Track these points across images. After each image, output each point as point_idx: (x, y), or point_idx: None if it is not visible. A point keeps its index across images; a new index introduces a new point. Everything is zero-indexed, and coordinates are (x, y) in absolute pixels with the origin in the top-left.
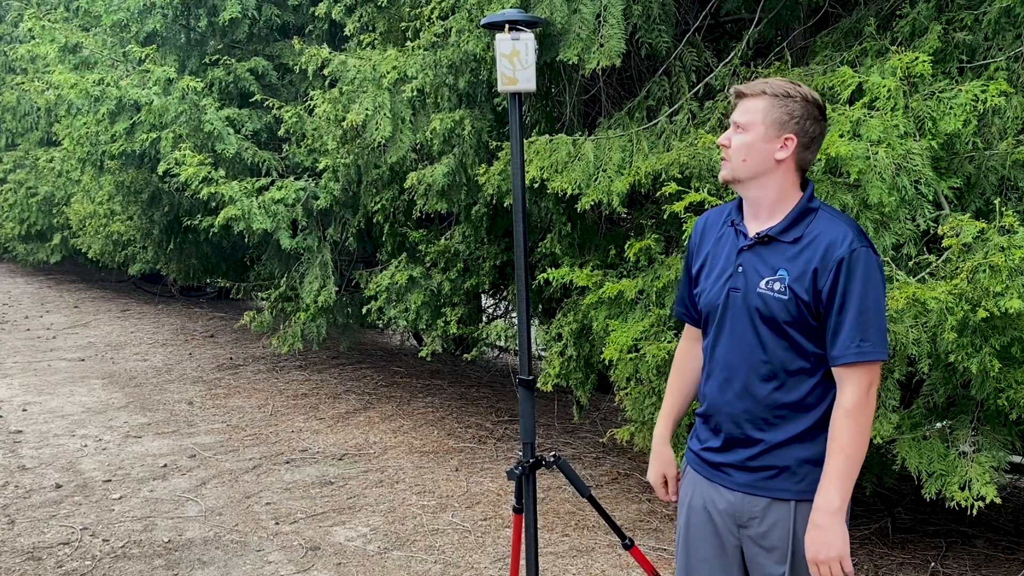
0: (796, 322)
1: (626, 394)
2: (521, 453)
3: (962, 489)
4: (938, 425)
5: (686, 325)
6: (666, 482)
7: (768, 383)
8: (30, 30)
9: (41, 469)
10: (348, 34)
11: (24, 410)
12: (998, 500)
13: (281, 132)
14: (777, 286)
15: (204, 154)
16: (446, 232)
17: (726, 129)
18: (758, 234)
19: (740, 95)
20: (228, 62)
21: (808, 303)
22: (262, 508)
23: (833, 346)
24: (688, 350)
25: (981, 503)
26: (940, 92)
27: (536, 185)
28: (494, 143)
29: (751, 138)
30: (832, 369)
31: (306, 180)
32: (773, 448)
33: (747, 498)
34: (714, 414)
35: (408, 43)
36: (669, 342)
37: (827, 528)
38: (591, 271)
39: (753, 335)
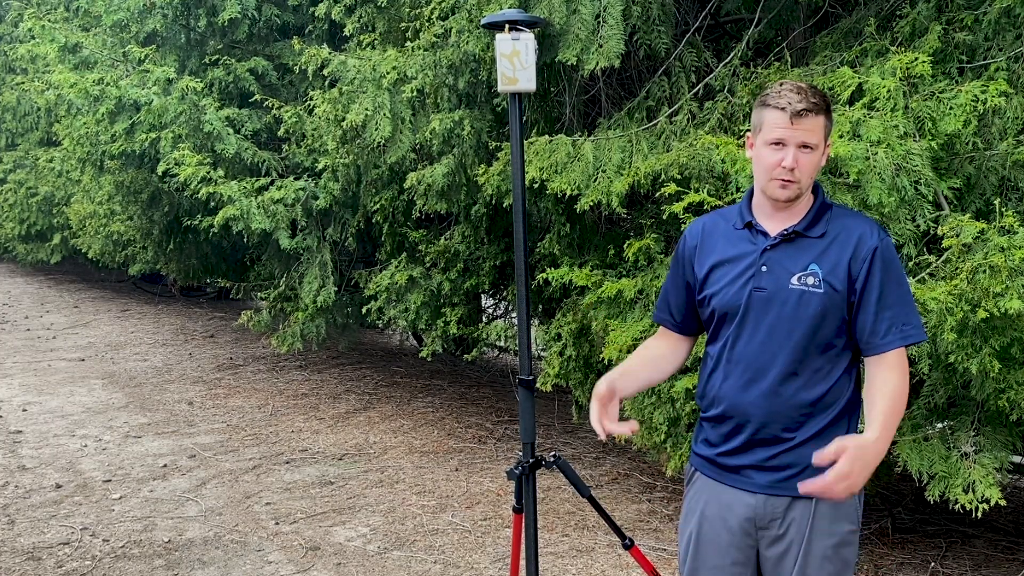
0: (829, 316)
1: None
2: (521, 453)
3: (965, 491)
4: (939, 426)
5: (660, 327)
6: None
7: (795, 381)
8: (30, 30)
9: (41, 469)
10: (348, 34)
11: (24, 410)
12: (1003, 502)
13: (281, 132)
14: (811, 280)
15: (203, 154)
16: (446, 232)
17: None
18: (783, 232)
19: (804, 114)
20: (228, 62)
21: (843, 294)
22: (262, 508)
23: (877, 332)
24: (660, 345)
25: (985, 505)
26: (940, 92)
27: (536, 185)
28: (494, 143)
29: (817, 157)
30: (872, 357)
31: (306, 180)
32: (795, 447)
33: (769, 499)
34: (735, 416)
35: (408, 43)
36: None
37: (869, 459)
38: (590, 271)
39: (783, 332)
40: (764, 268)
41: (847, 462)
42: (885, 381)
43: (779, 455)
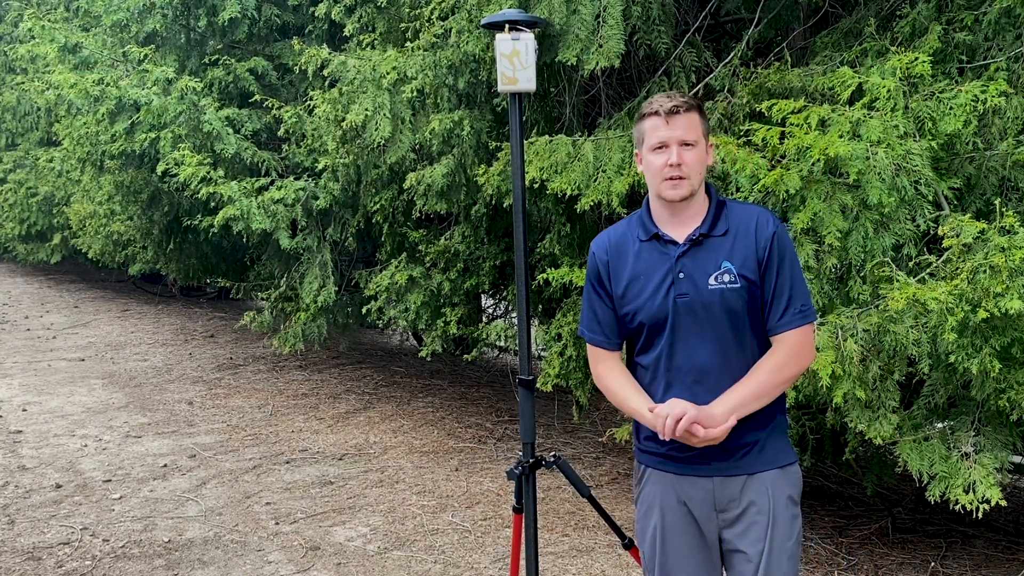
0: (749, 307)
1: None
2: (521, 453)
3: (966, 491)
4: (939, 426)
5: (594, 349)
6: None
7: (735, 372)
8: (30, 30)
9: (41, 469)
10: (348, 34)
11: (24, 410)
12: (1003, 502)
13: (281, 132)
14: (727, 277)
15: (203, 154)
16: (446, 232)
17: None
18: (690, 237)
19: (676, 111)
20: (228, 62)
21: (756, 283)
22: (262, 508)
23: (776, 313)
24: (615, 367)
25: (986, 505)
26: (940, 92)
27: (536, 185)
28: (493, 143)
29: (700, 152)
30: (775, 336)
31: (306, 180)
32: (742, 430)
33: (726, 481)
34: None
35: (408, 43)
36: None
37: (716, 420)
38: None
39: (713, 331)
40: (681, 275)
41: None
42: (765, 360)
43: (729, 440)
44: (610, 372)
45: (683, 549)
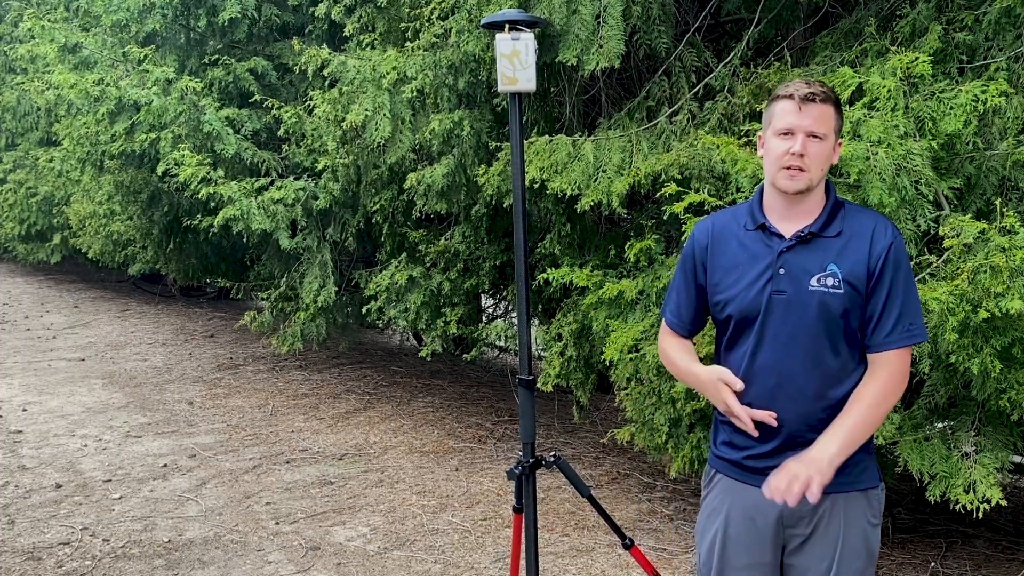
0: (849, 315)
1: (626, 394)
2: (521, 453)
3: (966, 491)
4: (939, 426)
5: (666, 327)
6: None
7: (822, 381)
8: (30, 30)
9: (41, 469)
10: (348, 34)
11: (24, 410)
12: (1003, 502)
13: (281, 132)
14: (830, 281)
15: (203, 154)
16: (446, 232)
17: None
18: (799, 233)
19: (812, 98)
20: (228, 62)
21: (862, 293)
22: (262, 508)
23: (882, 330)
24: (680, 343)
25: (986, 505)
26: (940, 92)
27: (536, 185)
28: (494, 143)
29: (827, 147)
30: (874, 354)
31: (306, 180)
32: None
33: None
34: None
35: (408, 43)
36: None
37: (824, 468)
38: (591, 271)
39: (806, 335)
40: (782, 271)
41: (795, 470)
42: (869, 386)
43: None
44: (671, 346)
45: (742, 560)
